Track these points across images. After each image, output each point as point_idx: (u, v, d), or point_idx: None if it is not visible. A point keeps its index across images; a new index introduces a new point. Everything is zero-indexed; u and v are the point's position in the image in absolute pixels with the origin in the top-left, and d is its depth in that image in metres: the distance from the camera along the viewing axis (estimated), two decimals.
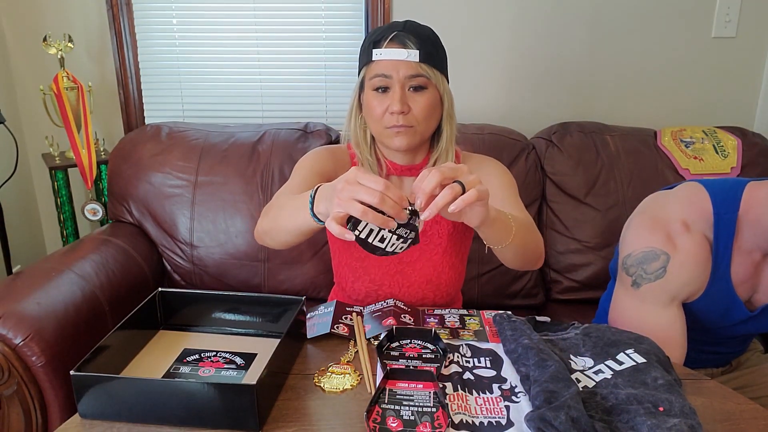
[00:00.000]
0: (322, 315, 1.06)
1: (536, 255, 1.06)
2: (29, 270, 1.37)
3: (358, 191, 0.74)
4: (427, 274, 1.19)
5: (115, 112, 1.98)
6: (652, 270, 1.05)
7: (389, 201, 0.74)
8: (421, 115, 1.07)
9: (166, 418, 0.77)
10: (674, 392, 0.79)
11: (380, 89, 1.07)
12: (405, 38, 1.05)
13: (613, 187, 1.69)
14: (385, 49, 1.06)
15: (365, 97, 1.10)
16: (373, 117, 1.09)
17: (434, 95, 1.08)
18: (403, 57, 1.05)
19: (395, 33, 1.06)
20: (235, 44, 1.93)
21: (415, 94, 1.07)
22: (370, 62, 1.08)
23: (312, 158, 1.17)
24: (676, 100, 1.97)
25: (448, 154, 1.15)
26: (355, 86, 1.14)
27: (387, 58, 1.05)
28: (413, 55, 1.05)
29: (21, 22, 1.89)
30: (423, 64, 1.05)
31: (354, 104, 1.15)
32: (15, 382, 1.15)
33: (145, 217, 1.71)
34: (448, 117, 1.13)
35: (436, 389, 0.84)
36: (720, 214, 1.04)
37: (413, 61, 1.05)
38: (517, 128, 1.81)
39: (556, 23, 1.89)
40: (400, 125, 1.06)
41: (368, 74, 1.09)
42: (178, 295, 1.02)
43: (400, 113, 1.05)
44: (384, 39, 1.06)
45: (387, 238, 0.80)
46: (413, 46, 1.05)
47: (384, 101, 1.07)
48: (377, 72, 1.07)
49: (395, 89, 1.06)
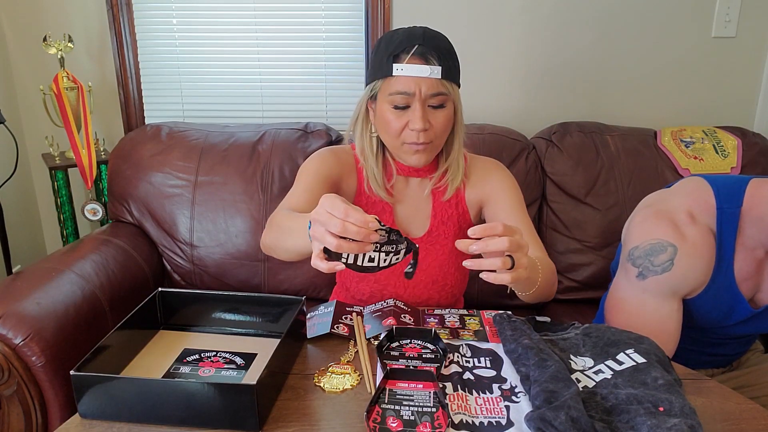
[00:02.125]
0: (322, 315, 1.06)
1: (551, 293, 1.06)
2: (29, 270, 1.37)
3: (326, 223, 0.75)
4: (432, 275, 1.19)
5: (115, 112, 1.98)
6: (659, 262, 1.05)
7: (352, 227, 0.74)
8: (440, 130, 1.06)
9: (166, 418, 0.77)
10: (674, 392, 0.79)
11: (399, 107, 1.03)
12: (427, 53, 1.01)
13: (613, 187, 1.69)
14: (406, 64, 1.01)
15: (380, 109, 1.07)
16: (389, 132, 1.06)
17: (451, 110, 1.07)
18: (426, 74, 1.00)
19: (417, 46, 1.01)
20: (235, 44, 1.93)
21: (435, 111, 1.04)
22: (389, 77, 1.02)
23: (316, 162, 1.15)
24: (676, 100, 1.97)
25: (459, 163, 1.14)
26: (365, 94, 1.10)
27: (409, 75, 1.01)
28: (436, 72, 1.00)
29: (21, 22, 1.89)
30: (444, 81, 1.02)
31: (361, 112, 1.12)
32: (15, 382, 1.15)
33: (145, 217, 1.71)
34: (459, 128, 1.11)
35: (436, 389, 0.84)
36: (723, 209, 1.04)
37: (435, 77, 1.01)
38: (517, 128, 1.81)
39: (557, 24, 1.89)
40: (420, 143, 1.04)
41: (386, 88, 1.04)
42: (178, 295, 1.02)
43: (422, 131, 1.03)
44: (405, 53, 1.01)
45: (375, 257, 0.81)
46: (435, 62, 1.00)
47: (402, 118, 1.04)
48: (398, 89, 1.02)
49: (416, 107, 1.02)
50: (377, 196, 1.16)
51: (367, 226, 0.74)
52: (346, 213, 0.74)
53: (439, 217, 1.18)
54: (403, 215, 1.19)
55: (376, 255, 0.81)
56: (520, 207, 1.15)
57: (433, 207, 1.18)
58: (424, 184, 1.17)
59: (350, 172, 1.18)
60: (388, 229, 0.80)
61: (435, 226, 1.18)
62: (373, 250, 0.80)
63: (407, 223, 1.19)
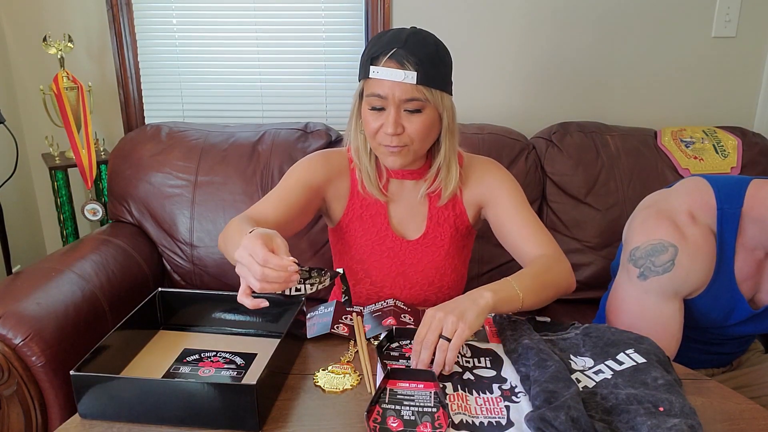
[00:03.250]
0: (322, 315, 1.06)
1: (562, 288, 1.05)
2: (29, 270, 1.37)
3: (249, 266, 0.81)
4: (429, 276, 1.19)
5: (115, 112, 1.98)
6: (660, 263, 1.05)
7: (271, 273, 0.79)
8: (416, 136, 1.05)
9: (166, 418, 0.77)
10: (674, 392, 0.79)
11: (375, 108, 1.04)
12: (403, 58, 1.00)
13: (613, 187, 1.69)
14: (381, 67, 1.01)
15: (362, 109, 1.08)
16: (368, 132, 1.07)
17: (431, 115, 1.05)
18: (399, 78, 1.00)
19: (394, 50, 1.00)
20: (235, 44, 1.93)
21: (411, 116, 1.03)
22: (368, 78, 1.04)
23: (304, 168, 1.16)
24: (676, 100, 1.97)
25: (450, 168, 1.13)
26: (356, 93, 1.11)
27: (383, 78, 1.01)
28: (410, 77, 1.00)
29: (21, 22, 1.89)
30: (420, 86, 1.01)
31: (354, 111, 1.13)
32: (15, 382, 1.15)
33: (145, 217, 1.71)
34: (448, 132, 1.09)
35: (436, 389, 0.84)
36: (724, 209, 1.04)
37: (410, 83, 1.00)
38: (517, 128, 1.81)
39: (556, 24, 1.89)
40: (394, 146, 1.04)
41: (366, 89, 1.05)
42: (178, 295, 1.02)
43: (394, 134, 1.03)
44: (383, 56, 1.01)
45: (301, 287, 0.86)
46: (411, 67, 1.00)
47: (379, 119, 1.04)
48: (373, 91, 1.03)
49: (390, 111, 1.02)
50: (371, 196, 1.16)
51: (286, 270, 0.80)
52: (264, 260, 0.80)
53: (435, 219, 1.17)
54: (397, 216, 1.18)
55: (301, 286, 0.86)
56: (521, 204, 1.14)
57: (429, 209, 1.18)
58: (419, 187, 1.17)
59: (341, 175, 1.18)
60: (308, 269, 0.87)
61: (431, 228, 1.17)
62: (298, 283, 0.85)
63: (402, 224, 1.19)
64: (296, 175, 1.15)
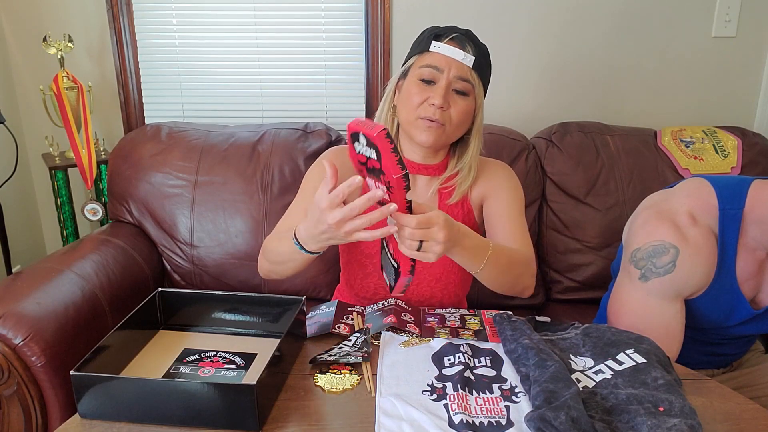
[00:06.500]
0: (323, 314, 1.06)
1: (520, 287, 1.09)
2: (29, 270, 1.37)
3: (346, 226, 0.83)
4: (436, 273, 1.19)
5: (115, 112, 1.98)
6: (661, 264, 1.05)
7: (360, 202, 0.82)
8: (456, 119, 1.09)
9: (166, 418, 0.77)
10: (674, 392, 0.79)
11: (426, 81, 1.08)
12: (465, 42, 1.08)
13: (613, 187, 1.69)
14: (444, 44, 1.08)
15: (407, 83, 1.12)
16: (409, 104, 1.10)
17: (471, 104, 1.11)
18: (459, 57, 1.07)
19: (457, 34, 1.09)
20: (235, 44, 1.93)
21: (457, 97, 1.09)
22: (425, 52, 1.09)
23: (316, 175, 1.18)
24: (676, 100, 1.97)
25: (471, 170, 1.16)
26: (397, 73, 1.15)
27: (444, 53, 1.08)
28: (468, 60, 1.08)
29: (21, 22, 1.89)
30: (474, 71, 1.08)
31: (389, 96, 1.17)
32: (15, 382, 1.15)
33: (145, 217, 1.71)
34: (478, 132, 1.15)
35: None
36: (725, 210, 1.04)
37: (467, 64, 1.07)
38: (517, 128, 1.81)
39: (557, 25, 1.89)
40: (435, 119, 1.08)
41: (419, 62, 1.10)
42: (178, 295, 1.02)
43: (439, 108, 1.07)
44: (446, 35, 1.09)
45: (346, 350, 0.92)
46: (471, 52, 1.08)
47: (425, 92, 1.08)
48: (430, 63, 1.08)
49: (441, 84, 1.07)
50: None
51: (353, 185, 0.82)
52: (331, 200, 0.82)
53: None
54: None
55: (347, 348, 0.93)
56: (515, 205, 1.17)
57: (438, 206, 1.18)
58: (430, 184, 1.18)
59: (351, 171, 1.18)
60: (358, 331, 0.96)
61: None
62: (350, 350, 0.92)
63: None
64: (313, 181, 1.17)
